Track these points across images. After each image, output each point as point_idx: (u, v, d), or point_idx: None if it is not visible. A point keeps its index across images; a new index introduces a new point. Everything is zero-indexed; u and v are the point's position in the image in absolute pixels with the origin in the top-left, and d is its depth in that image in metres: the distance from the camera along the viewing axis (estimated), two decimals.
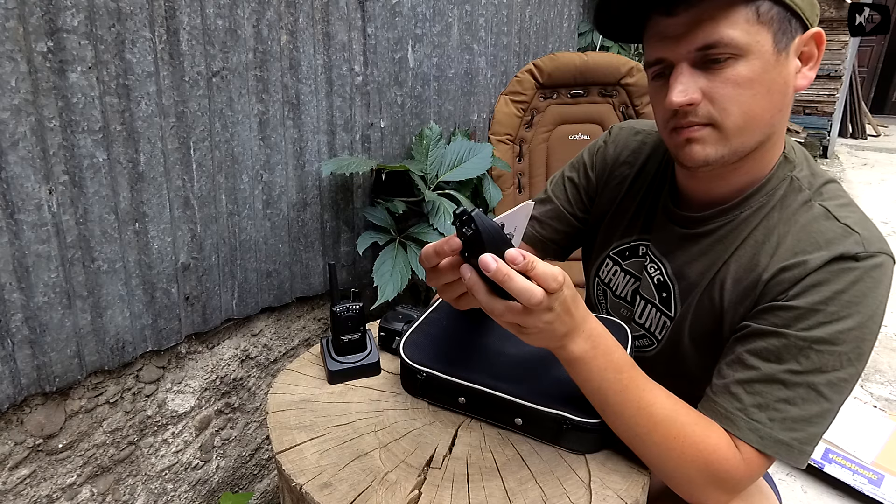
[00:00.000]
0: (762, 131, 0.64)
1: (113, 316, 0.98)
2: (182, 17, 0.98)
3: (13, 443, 0.90)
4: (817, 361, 0.60)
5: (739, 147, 0.64)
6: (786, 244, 0.65)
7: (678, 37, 0.61)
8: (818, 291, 0.60)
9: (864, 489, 1.48)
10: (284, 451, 0.68)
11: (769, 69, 0.60)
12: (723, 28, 0.58)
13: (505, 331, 0.79)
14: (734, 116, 0.62)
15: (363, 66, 1.36)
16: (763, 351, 0.62)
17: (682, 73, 0.61)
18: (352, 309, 0.84)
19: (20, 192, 0.82)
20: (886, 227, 3.74)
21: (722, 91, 0.61)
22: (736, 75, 0.60)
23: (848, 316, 0.59)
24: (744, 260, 0.68)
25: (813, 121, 5.19)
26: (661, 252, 0.78)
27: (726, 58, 0.59)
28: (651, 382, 0.63)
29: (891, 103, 8.78)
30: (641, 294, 0.81)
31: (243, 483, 1.38)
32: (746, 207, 0.70)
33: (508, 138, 1.88)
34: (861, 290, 0.60)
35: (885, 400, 1.92)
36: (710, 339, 0.72)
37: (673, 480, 0.64)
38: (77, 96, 0.86)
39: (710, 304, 0.71)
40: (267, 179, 1.20)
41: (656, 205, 0.81)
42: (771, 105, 0.62)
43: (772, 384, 0.61)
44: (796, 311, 0.61)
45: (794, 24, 0.61)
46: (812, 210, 0.66)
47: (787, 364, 0.60)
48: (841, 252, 0.61)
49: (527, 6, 2.00)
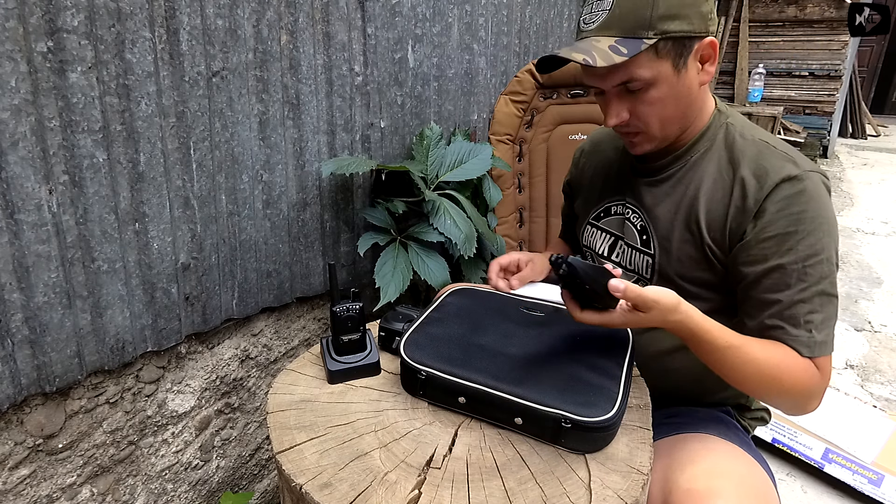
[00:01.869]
0: (679, 123, 0.85)
1: (113, 316, 0.98)
2: (182, 17, 0.98)
3: (13, 443, 0.90)
4: (815, 273, 0.76)
5: (666, 138, 0.86)
6: (741, 177, 0.81)
7: (602, 76, 0.80)
8: (783, 220, 0.77)
9: (864, 489, 1.48)
10: (284, 451, 0.68)
11: (673, 85, 0.80)
12: (631, 70, 0.77)
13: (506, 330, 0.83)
14: (654, 125, 0.83)
15: (363, 66, 1.36)
16: (773, 286, 0.78)
17: (612, 102, 0.83)
18: (352, 309, 0.84)
19: (20, 192, 0.82)
20: (886, 226, 3.74)
21: (641, 109, 0.82)
22: (650, 98, 0.80)
23: (817, 227, 0.76)
24: (711, 195, 0.84)
25: (813, 121, 5.18)
26: (638, 202, 0.95)
27: (639, 87, 0.79)
28: (742, 337, 0.77)
29: (891, 103, 8.78)
30: (626, 243, 0.97)
31: (243, 483, 1.38)
32: (694, 152, 0.88)
33: (508, 138, 1.88)
34: (816, 203, 0.77)
35: (885, 400, 1.92)
36: (695, 264, 0.87)
37: (782, 407, 0.80)
38: (77, 96, 0.86)
39: (689, 235, 0.87)
40: (267, 179, 1.20)
41: (624, 169, 0.99)
42: (680, 107, 0.83)
43: (794, 306, 0.77)
44: (774, 239, 0.77)
45: (690, 42, 0.78)
46: (754, 145, 0.83)
47: (797, 286, 0.76)
48: (784, 176, 0.78)
49: (527, 6, 2.00)
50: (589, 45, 0.77)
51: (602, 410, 0.68)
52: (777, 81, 5.14)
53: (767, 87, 5.07)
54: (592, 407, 0.68)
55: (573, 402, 0.69)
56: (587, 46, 0.77)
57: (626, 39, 0.76)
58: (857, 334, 2.37)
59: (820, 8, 4.78)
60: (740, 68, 5.03)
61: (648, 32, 0.75)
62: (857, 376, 2.06)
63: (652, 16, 0.75)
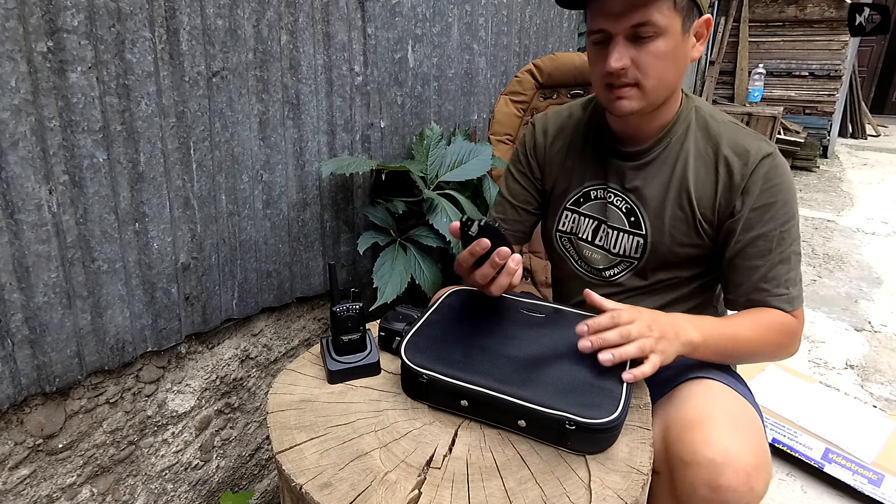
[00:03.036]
0: (669, 89, 0.88)
1: (113, 316, 0.98)
2: (182, 17, 0.98)
3: (13, 443, 0.90)
4: (788, 237, 0.88)
5: (654, 100, 0.88)
6: (724, 154, 0.90)
7: (618, 14, 0.80)
8: (766, 193, 0.87)
9: (864, 489, 1.48)
10: (284, 451, 0.68)
11: (678, 45, 0.83)
12: (651, 12, 0.79)
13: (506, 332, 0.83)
14: (652, 79, 0.84)
15: (363, 66, 1.36)
16: (758, 253, 0.88)
17: (619, 44, 0.82)
18: (352, 309, 0.83)
19: (20, 192, 0.82)
20: (886, 226, 3.74)
21: (646, 60, 0.82)
22: (656, 49, 0.82)
23: (789, 197, 0.88)
24: (697, 173, 0.91)
25: (813, 121, 5.18)
26: (621, 185, 0.97)
27: (650, 35, 0.80)
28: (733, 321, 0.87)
29: (891, 103, 8.77)
30: (611, 226, 0.99)
31: (243, 483, 1.38)
32: (673, 134, 0.94)
33: (508, 138, 1.88)
34: (787, 175, 0.88)
35: (885, 400, 1.92)
36: (689, 238, 0.93)
37: (774, 358, 0.92)
38: (77, 96, 0.86)
39: (682, 212, 0.93)
40: (267, 179, 1.20)
41: (600, 153, 1.00)
42: (676, 72, 0.86)
43: (776, 267, 0.88)
44: (758, 210, 0.87)
45: (695, 11, 0.84)
46: (726, 126, 0.92)
47: (777, 249, 0.88)
48: (764, 154, 0.88)
49: (527, 6, 2.00)
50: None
51: (606, 412, 0.68)
52: (777, 81, 5.14)
53: (767, 87, 5.07)
54: (596, 408, 0.68)
55: (577, 403, 0.69)
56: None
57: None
58: (857, 334, 2.37)
59: (820, 8, 4.78)
60: (740, 68, 5.03)
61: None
62: (857, 376, 2.06)
63: None
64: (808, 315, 2.53)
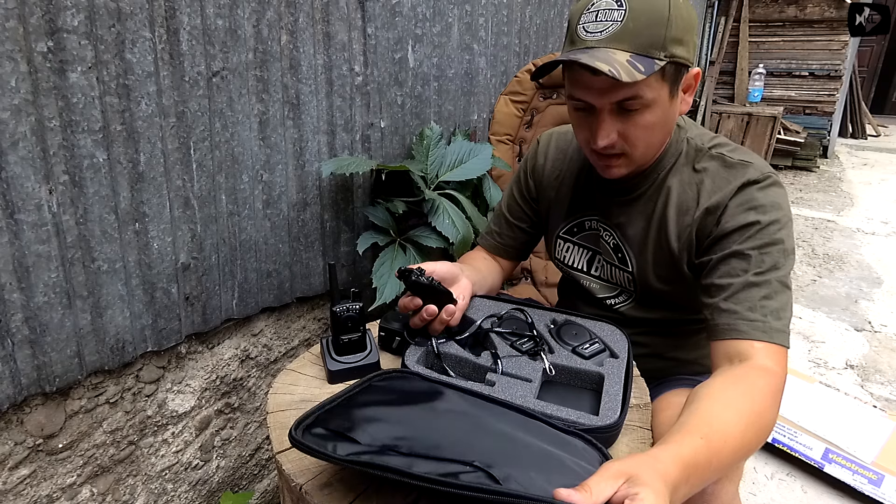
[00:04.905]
0: (657, 150, 0.86)
1: (113, 316, 0.98)
2: (182, 17, 0.98)
3: (13, 443, 0.90)
4: (770, 261, 0.77)
5: (643, 164, 0.86)
6: (705, 189, 0.84)
7: (602, 90, 0.75)
8: (743, 214, 0.80)
9: (864, 489, 1.48)
10: (284, 451, 0.68)
11: (665, 111, 0.79)
12: (639, 87, 0.74)
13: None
14: (640, 149, 0.82)
15: (363, 66, 1.36)
16: (731, 271, 0.78)
17: (605, 121, 0.78)
18: (352, 309, 0.83)
19: (20, 192, 0.82)
20: (886, 226, 3.74)
21: (633, 133, 0.79)
22: (644, 121, 0.78)
23: (774, 220, 0.78)
24: (679, 209, 0.87)
25: (813, 121, 5.18)
26: (609, 220, 0.95)
27: (637, 108, 0.76)
28: (700, 431, 0.61)
29: (891, 103, 8.77)
30: (605, 259, 0.98)
31: (243, 483, 1.38)
32: (661, 168, 0.89)
33: (508, 138, 1.88)
34: (773, 200, 0.80)
35: (885, 400, 1.92)
36: (672, 276, 0.89)
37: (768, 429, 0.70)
38: (77, 96, 0.86)
39: (660, 250, 0.89)
40: (267, 179, 1.20)
41: (591, 186, 0.98)
42: (664, 133, 0.84)
43: (749, 288, 0.76)
44: (736, 232, 0.79)
45: (682, 71, 0.79)
46: (714, 159, 0.86)
47: (752, 270, 0.77)
48: (745, 180, 0.81)
49: (527, 6, 2.00)
50: (608, 57, 0.71)
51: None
52: (777, 81, 5.15)
53: (767, 87, 5.07)
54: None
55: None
56: (607, 57, 0.71)
57: (639, 56, 0.72)
58: (857, 334, 2.37)
59: (820, 8, 4.79)
60: (740, 68, 5.03)
61: (660, 53, 0.73)
62: (857, 376, 2.06)
63: (666, 36, 0.73)
64: (808, 315, 2.53)
